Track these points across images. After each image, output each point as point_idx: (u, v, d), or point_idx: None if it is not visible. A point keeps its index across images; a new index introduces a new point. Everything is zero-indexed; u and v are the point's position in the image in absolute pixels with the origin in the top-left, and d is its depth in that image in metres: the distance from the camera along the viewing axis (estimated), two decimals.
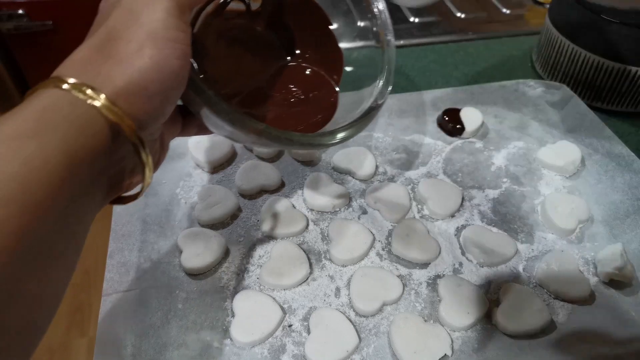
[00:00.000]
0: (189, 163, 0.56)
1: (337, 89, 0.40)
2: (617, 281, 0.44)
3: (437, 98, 0.64)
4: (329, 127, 0.37)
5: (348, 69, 0.40)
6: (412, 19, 0.91)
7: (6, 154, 0.20)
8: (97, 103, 0.23)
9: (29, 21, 1.28)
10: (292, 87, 0.38)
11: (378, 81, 0.38)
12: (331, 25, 0.34)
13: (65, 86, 0.23)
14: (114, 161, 0.26)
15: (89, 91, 0.23)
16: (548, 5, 0.71)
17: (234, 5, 0.38)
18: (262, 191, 0.53)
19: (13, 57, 1.38)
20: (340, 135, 0.34)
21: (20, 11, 1.27)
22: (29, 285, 0.21)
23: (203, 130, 0.36)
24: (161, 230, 0.48)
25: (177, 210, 0.50)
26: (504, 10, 0.95)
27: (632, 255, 0.46)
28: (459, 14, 0.93)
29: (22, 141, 0.21)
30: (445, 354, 0.39)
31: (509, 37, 0.83)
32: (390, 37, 0.39)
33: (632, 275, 0.44)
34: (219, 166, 0.55)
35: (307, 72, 0.39)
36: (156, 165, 0.32)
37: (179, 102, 0.32)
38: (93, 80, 0.24)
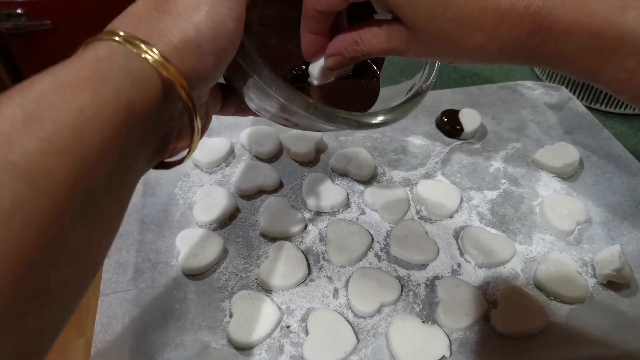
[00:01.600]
0: (188, 163, 0.55)
1: (379, 74, 0.40)
2: (615, 283, 0.44)
3: (435, 99, 0.64)
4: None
5: (387, 60, 0.40)
6: None
7: (60, 102, 0.20)
8: (150, 58, 0.23)
9: (27, 21, 1.28)
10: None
11: (424, 68, 0.38)
12: (376, 13, 0.34)
13: (118, 39, 0.23)
14: (164, 121, 0.25)
15: (142, 45, 0.23)
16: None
17: None
18: (261, 191, 0.53)
19: (12, 56, 1.38)
20: (384, 117, 0.34)
21: (19, 11, 1.26)
22: (75, 240, 0.21)
23: (241, 110, 0.36)
24: (159, 230, 0.48)
25: (175, 210, 0.50)
26: None
27: (630, 256, 0.46)
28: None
29: (76, 91, 0.20)
30: (443, 355, 0.39)
31: None
32: None
33: (630, 277, 0.44)
34: (218, 166, 0.55)
35: None
36: (202, 131, 0.32)
37: (221, 81, 0.32)
38: (148, 35, 0.23)
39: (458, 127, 0.59)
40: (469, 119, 0.60)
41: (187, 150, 0.28)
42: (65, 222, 0.20)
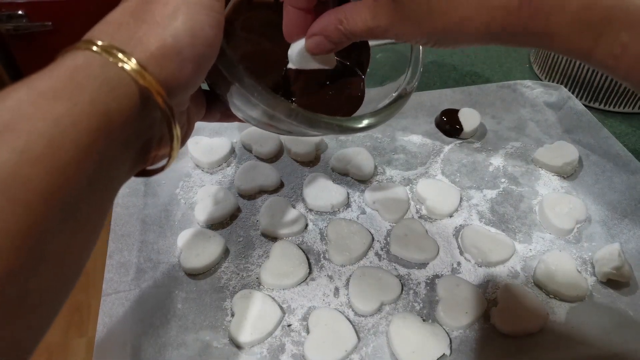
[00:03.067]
0: (189, 163, 0.56)
1: (364, 78, 0.40)
2: (614, 281, 0.44)
3: (435, 99, 0.65)
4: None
5: (372, 63, 0.40)
6: None
7: (36, 112, 0.20)
8: (127, 67, 0.23)
9: (28, 22, 1.28)
10: (319, 76, 0.38)
11: (407, 71, 0.38)
12: None
13: (96, 48, 0.23)
14: (143, 129, 0.25)
15: (120, 54, 0.23)
16: None
17: None
18: (261, 191, 0.53)
19: (12, 57, 1.38)
20: (367, 121, 0.34)
21: (20, 12, 1.27)
22: (55, 249, 0.21)
23: (226, 117, 0.36)
24: (160, 230, 0.48)
25: (177, 210, 0.51)
26: None
27: (630, 255, 0.46)
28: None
29: (52, 101, 0.20)
30: (444, 354, 0.39)
31: None
32: None
33: (630, 275, 0.44)
34: (218, 167, 0.56)
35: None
36: (183, 140, 0.32)
37: (205, 87, 0.32)
38: (125, 44, 0.23)
39: (458, 127, 0.60)
40: (469, 119, 0.60)
41: (168, 157, 0.28)
42: (43, 232, 0.20)
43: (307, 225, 0.49)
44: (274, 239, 0.48)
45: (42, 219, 0.20)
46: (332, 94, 0.38)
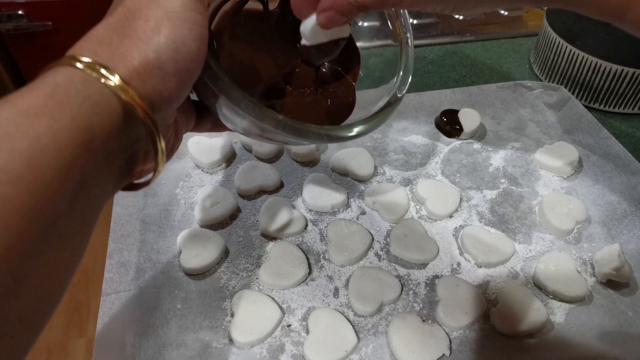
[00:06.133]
0: (189, 163, 0.56)
1: (355, 84, 0.40)
2: (614, 281, 0.44)
3: (435, 99, 0.65)
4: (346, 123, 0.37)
5: (365, 67, 0.40)
6: (410, 21, 0.91)
7: (16, 130, 0.20)
8: (110, 82, 0.23)
9: (28, 21, 1.28)
10: (309, 84, 0.38)
11: (396, 77, 0.37)
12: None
13: (79, 65, 0.23)
14: (127, 144, 0.25)
15: (102, 70, 0.23)
16: (546, 7, 0.72)
17: (252, 5, 0.38)
18: (261, 192, 0.53)
19: (12, 57, 1.38)
20: (357, 129, 0.34)
21: (20, 12, 1.27)
22: (36, 268, 0.21)
23: (217, 127, 0.36)
24: (160, 230, 0.48)
25: (177, 210, 0.51)
26: (502, 11, 0.95)
27: (630, 255, 0.46)
28: (457, 16, 0.93)
29: (32, 118, 0.20)
30: (443, 354, 0.39)
31: (507, 38, 0.83)
32: (409, 35, 0.39)
33: (630, 276, 0.44)
34: (218, 167, 0.56)
35: (324, 70, 0.39)
36: (169, 153, 0.32)
37: (195, 98, 0.32)
38: (108, 60, 0.23)
39: (457, 127, 0.60)
40: (469, 119, 0.60)
41: (153, 171, 0.28)
42: (24, 251, 0.19)
43: (307, 225, 0.49)
44: (273, 239, 0.48)
45: (22, 239, 0.19)
46: (323, 101, 0.38)
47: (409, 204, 0.52)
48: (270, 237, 0.48)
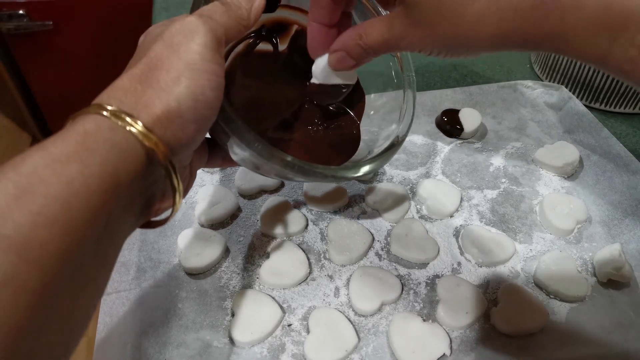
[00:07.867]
0: None
1: (359, 122, 0.41)
2: (615, 281, 0.44)
3: (435, 99, 0.65)
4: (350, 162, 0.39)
5: (370, 108, 0.42)
6: None
7: (51, 177, 0.21)
8: (134, 130, 0.24)
9: (29, 21, 1.28)
10: (317, 123, 0.40)
11: (400, 118, 0.39)
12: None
13: (105, 113, 0.24)
14: (147, 185, 0.27)
15: (127, 118, 0.24)
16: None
17: (262, 47, 0.40)
18: (262, 191, 0.53)
19: (13, 57, 1.38)
20: (364, 169, 0.35)
21: (21, 11, 1.27)
22: (63, 305, 0.22)
23: (227, 162, 0.37)
24: (161, 229, 0.48)
25: None
26: None
27: (630, 255, 0.46)
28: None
29: (65, 164, 0.22)
30: (444, 354, 0.39)
31: None
32: (410, 74, 0.40)
33: (630, 276, 0.44)
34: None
35: (331, 109, 0.41)
36: (185, 191, 0.34)
37: (207, 135, 0.33)
38: (132, 108, 0.25)
39: (458, 127, 0.60)
40: (469, 119, 0.60)
41: (171, 210, 0.30)
42: (54, 290, 0.21)
43: (307, 225, 0.49)
44: (274, 238, 0.48)
45: (55, 279, 0.21)
46: (329, 138, 0.39)
47: (409, 203, 0.52)
48: (270, 236, 0.48)
